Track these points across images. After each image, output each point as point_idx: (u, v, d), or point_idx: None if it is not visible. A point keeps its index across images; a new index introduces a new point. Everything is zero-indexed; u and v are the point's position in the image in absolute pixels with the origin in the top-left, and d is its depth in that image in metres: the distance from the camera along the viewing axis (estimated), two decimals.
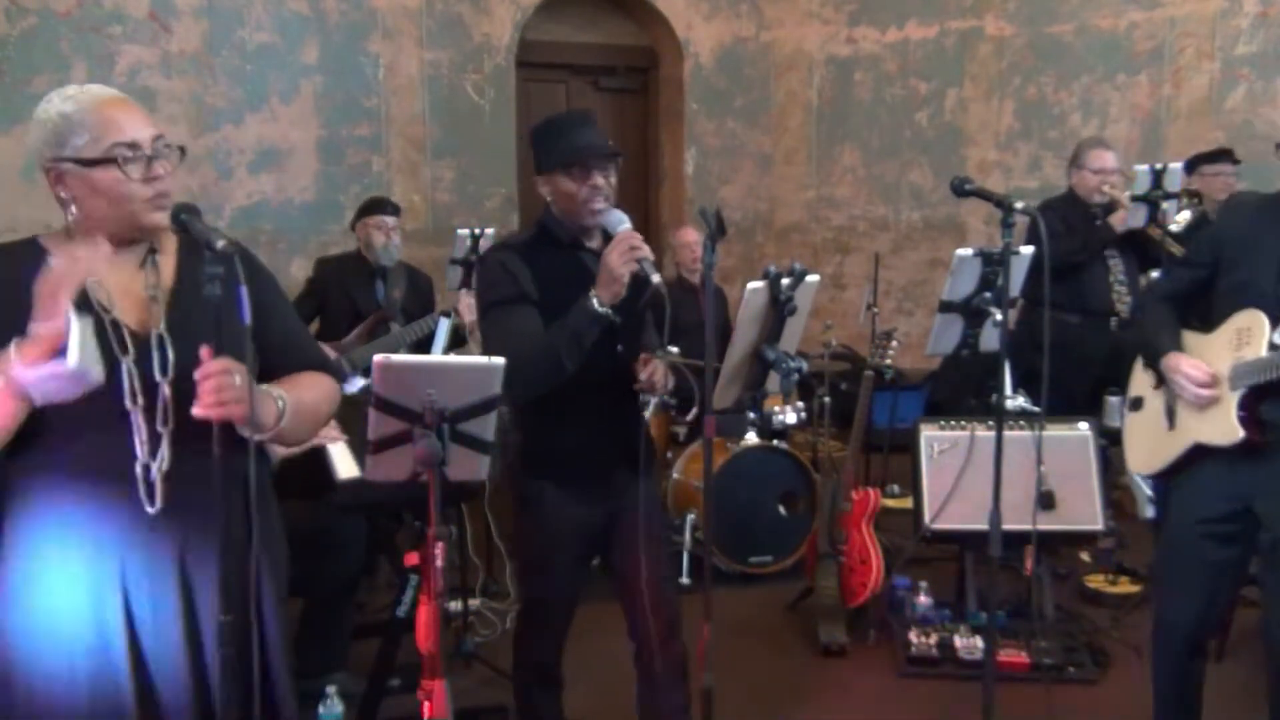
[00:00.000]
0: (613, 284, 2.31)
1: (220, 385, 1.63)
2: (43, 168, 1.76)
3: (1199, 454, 2.52)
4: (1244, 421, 2.40)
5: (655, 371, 2.44)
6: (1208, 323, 2.60)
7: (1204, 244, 2.68)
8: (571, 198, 2.45)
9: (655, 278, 2.30)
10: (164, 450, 1.74)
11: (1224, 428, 2.44)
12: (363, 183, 6.34)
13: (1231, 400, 2.43)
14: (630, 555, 2.56)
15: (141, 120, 1.77)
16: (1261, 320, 2.39)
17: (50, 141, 1.73)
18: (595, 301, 2.32)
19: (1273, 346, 2.37)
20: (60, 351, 1.58)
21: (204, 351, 1.65)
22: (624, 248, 2.31)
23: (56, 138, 1.73)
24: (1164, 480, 2.70)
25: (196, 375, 1.66)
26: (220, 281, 1.61)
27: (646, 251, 2.31)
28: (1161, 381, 2.65)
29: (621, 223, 2.40)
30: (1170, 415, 2.62)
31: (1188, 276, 2.67)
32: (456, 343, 4.15)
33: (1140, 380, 2.80)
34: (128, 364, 1.72)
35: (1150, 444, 2.71)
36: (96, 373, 1.64)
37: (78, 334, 1.59)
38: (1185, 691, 2.69)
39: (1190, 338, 2.62)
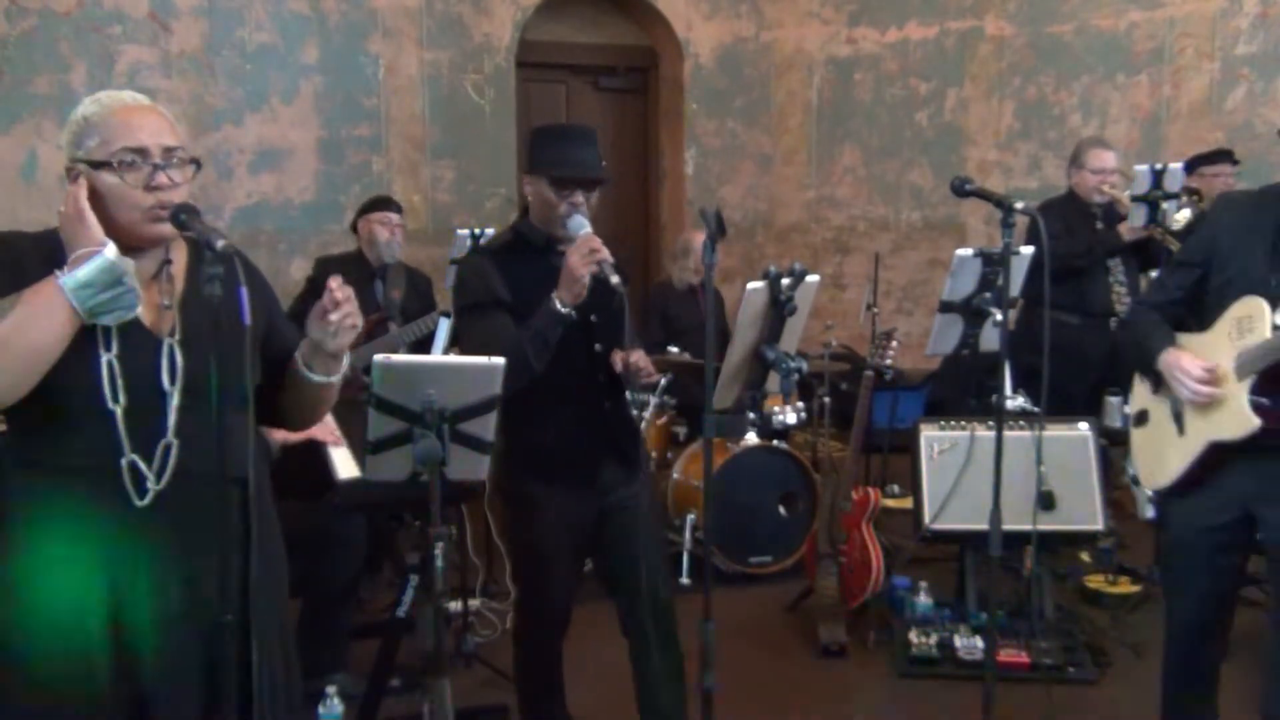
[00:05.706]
0: (573, 285, 2.42)
1: (355, 308, 1.79)
2: (65, 168, 1.78)
3: (1213, 457, 2.45)
4: (1259, 409, 2.32)
5: (639, 359, 2.52)
6: (1204, 324, 2.54)
7: (1196, 244, 2.62)
8: (550, 206, 2.55)
9: (614, 279, 2.39)
10: (172, 455, 1.74)
11: (1238, 420, 2.36)
12: (363, 183, 6.34)
13: (1241, 390, 2.36)
14: (624, 553, 2.59)
15: (157, 128, 1.75)
16: (1261, 305, 2.33)
17: (71, 142, 1.75)
18: (558, 303, 2.43)
19: (1276, 328, 2.30)
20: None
21: (333, 281, 1.76)
22: (584, 250, 2.42)
23: (75, 138, 1.75)
24: (1177, 489, 2.57)
25: (334, 298, 1.79)
26: (220, 281, 1.62)
27: (606, 254, 2.42)
28: (1159, 385, 2.58)
29: (582, 227, 2.49)
30: (1179, 419, 2.53)
31: (1182, 281, 2.59)
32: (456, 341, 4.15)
33: (1140, 392, 2.72)
34: (109, 359, 1.71)
35: (1162, 454, 2.60)
36: (134, 284, 1.66)
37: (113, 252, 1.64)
38: (1198, 681, 2.69)
39: (1187, 339, 2.55)
